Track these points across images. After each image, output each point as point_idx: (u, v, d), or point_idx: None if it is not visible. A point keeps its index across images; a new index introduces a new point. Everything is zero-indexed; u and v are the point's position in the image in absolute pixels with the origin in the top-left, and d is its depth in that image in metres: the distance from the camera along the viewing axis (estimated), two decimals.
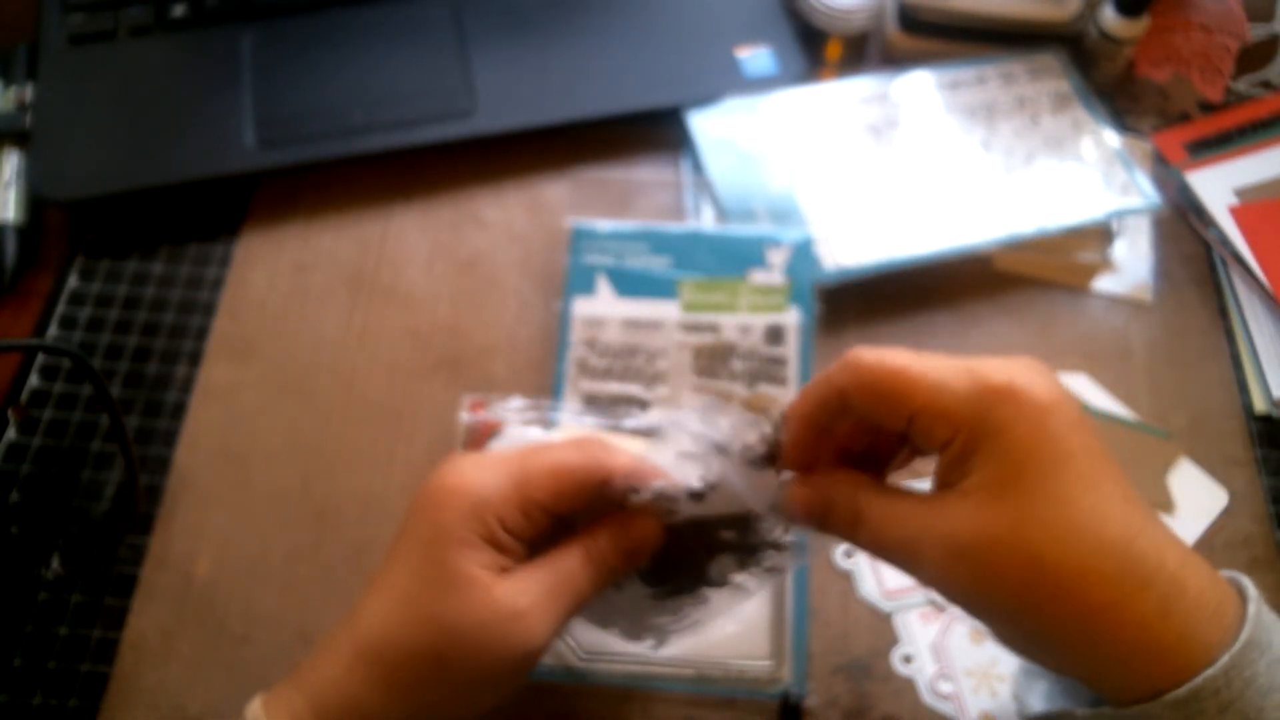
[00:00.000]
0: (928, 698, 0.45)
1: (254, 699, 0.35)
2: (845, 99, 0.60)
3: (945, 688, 0.45)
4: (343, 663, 0.34)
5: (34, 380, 0.53)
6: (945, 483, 0.31)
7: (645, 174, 0.60)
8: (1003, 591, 0.29)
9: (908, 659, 0.46)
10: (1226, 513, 0.49)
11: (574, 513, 0.36)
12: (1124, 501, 0.29)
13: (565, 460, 0.36)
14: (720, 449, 0.36)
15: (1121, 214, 0.56)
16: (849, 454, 0.36)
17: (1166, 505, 0.50)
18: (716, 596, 0.39)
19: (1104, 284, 0.56)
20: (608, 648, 0.45)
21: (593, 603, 0.38)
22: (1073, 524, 0.28)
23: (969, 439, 0.30)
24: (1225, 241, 0.56)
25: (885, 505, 0.32)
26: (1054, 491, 0.28)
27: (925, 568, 0.31)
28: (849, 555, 0.48)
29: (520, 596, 0.34)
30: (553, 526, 0.36)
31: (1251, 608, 0.28)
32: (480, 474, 0.35)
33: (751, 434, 0.36)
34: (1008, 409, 0.29)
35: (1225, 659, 0.27)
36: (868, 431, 0.35)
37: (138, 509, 0.49)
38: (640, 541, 0.36)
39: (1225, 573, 0.30)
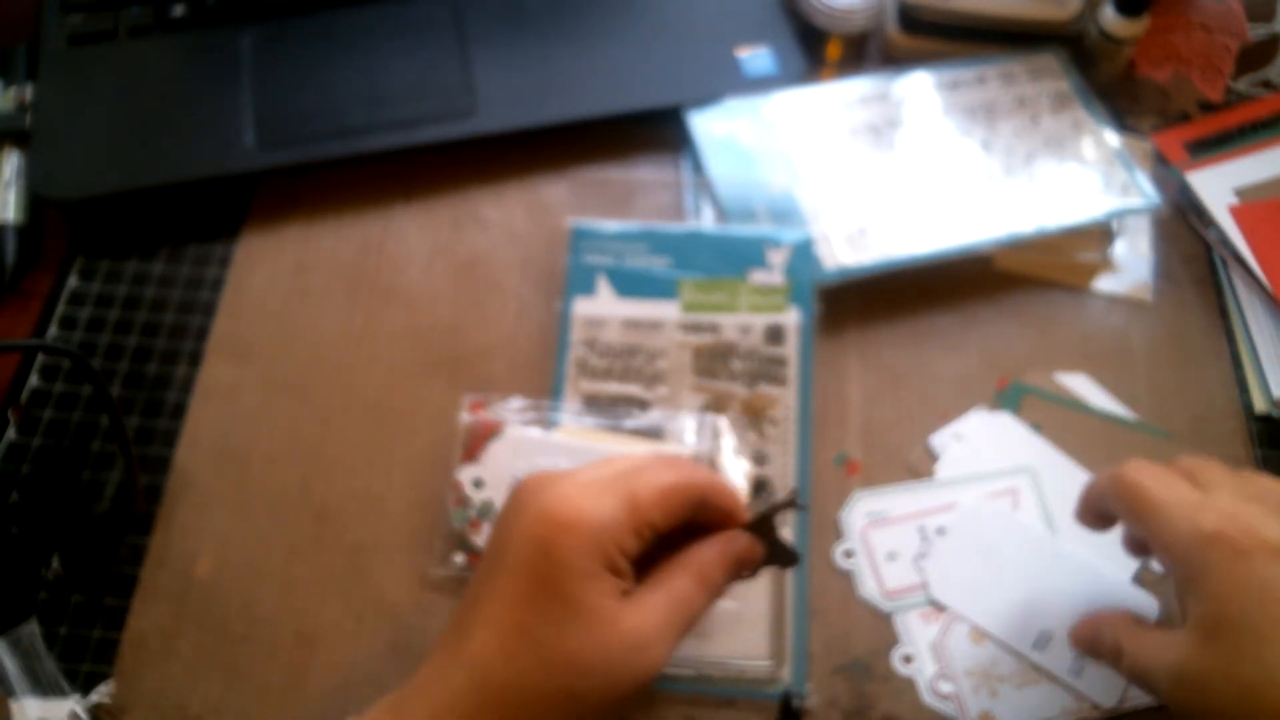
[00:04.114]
0: (928, 697, 0.45)
1: None
2: (845, 99, 0.60)
3: (945, 688, 0.45)
4: (452, 698, 0.33)
5: (34, 380, 0.53)
6: (1180, 610, 0.35)
7: (645, 174, 0.60)
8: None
9: (908, 659, 0.46)
10: None
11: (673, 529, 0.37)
12: None
13: (668, 480, 0.36)
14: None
15: (1121, 214, 0.56)
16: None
17: None
18: None
19: (1104, 284, 0.56)
20: None
21: None
22: (1267, 682, 0.31)
23: (1181, 577, 0.35)
24: (1225, 241, 0.56)
25: (1136, 639, 0.37)
26: (1263, 635, 0.32)
27: (1159, 693, 0.35)
28: (849, 555, 0.48)
29: (645, 626, 0.34)
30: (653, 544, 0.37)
31: None
32: (593, 503, 0.35)
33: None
34: (1210, 554, 0.33)
35: None
36: None
37: (138, 509, 0.49)
38: (745, 557, 0.38)
39: None
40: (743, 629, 0.46)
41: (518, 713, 0.33)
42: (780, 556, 0.40)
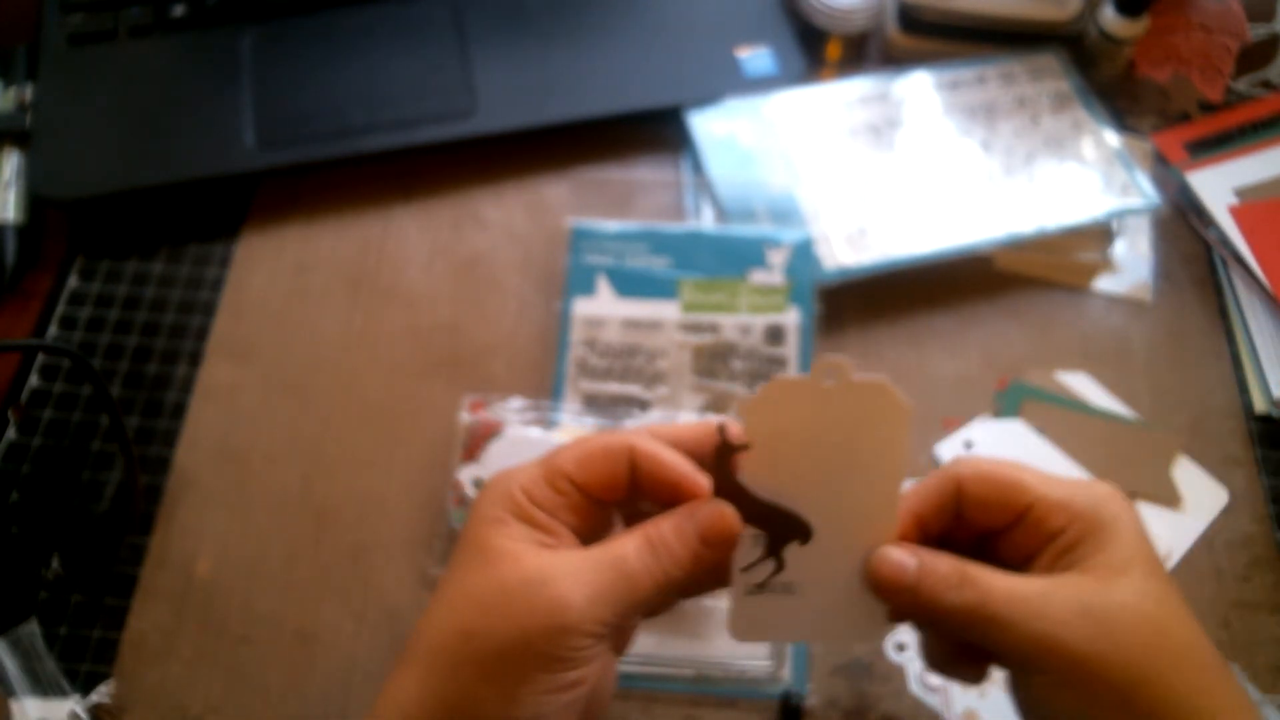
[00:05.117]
0: (915, 688, 0.45)
1: None
2: (845, 99, 0.60)
3: (934, 680, 0.45)
4: (398, 674, 0.33)
5: (34, 380, 0.53)
6: (1051, 568, 0.34)
7: (645, 174, 0.60)
8: (1128, 651, 0.32)
9: (901, 647, 0.46)
10: (1226, 512, 0.49)
11: (613, 492, 0.35)
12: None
13: (592, 440, 0.35)
14: None
15: (1121, 214, 0.56)
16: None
17: (1173, 500, 0.50)
18: None
19: (1104, 284, 0.56)
20: None
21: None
22: (1180, 609, 0.33)
23: (1083, 528, 0.33)
24: (1225, 241, 0.56)
25: (992, 572, 0.33)
26: (1162, 580, 0.33)
27: (1045, 624, 0.32)
28: None
29: (554, 567, 0.32)
30: (600, 516, 0.36)
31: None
32: (512, 466, 0.35)
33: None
34: (1118, 507, 0.34)
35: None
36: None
37: (138, 509, 0.49)
38: (713, 522, 0.34)
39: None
40: None
41: (429, 661, 0.33)
42: (786, 527, 0.35)
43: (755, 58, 0.61)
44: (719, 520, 0.34)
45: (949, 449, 0.51)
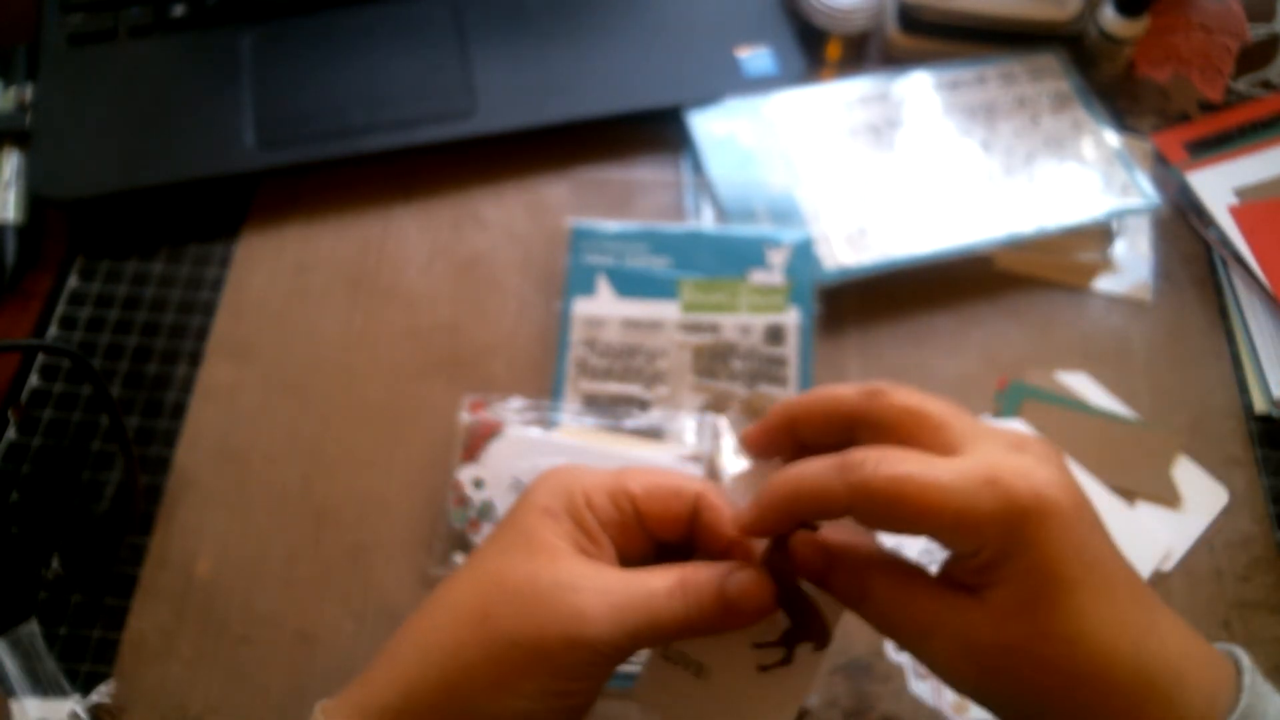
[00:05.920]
0: (912, 681, 0.45)
1: (316, 706, 0.34)
2: (845, 99, 0.60)
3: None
4: (407, 633, 0.33)
5: (34, 380, 0.53)
6: (960, 581, 0.31)
7: (645, 174, 0.60)
8: (1015, 694, 0.30)
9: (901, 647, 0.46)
10: (1226, 512, 0.49)
11: (669, 531, 0.35)
12: (1134, 603, 0.30)
13: (664, 471, 0.35)
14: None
15: (1121, 214, 0.56)
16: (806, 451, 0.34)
17: (1173, 500, 0.50)
18: None
19: (1104, 284, 0.56)
20: None
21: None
22: (1091, 637, 0.29)
23: (994, 553, 0.29)
24: (1225, 241, 0.56)
25: (896, 587, 0.32)
26: (1075, 606, 0.29)
27: (933, 657, 0.31)
28: None
29: (587, 578, 0.32)
30: (643, 548, 0.35)
31: (1246, 679, 0.29)
32: (578, 465, 0.35)
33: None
34: (1035, 527, 0.29)
35: None
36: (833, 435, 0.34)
37: (138, 509, 0.49)
38: (746, 590, 0.33)
39: (1221, 646, 0.31)
40: None
41: (437, 634, 0.32)
42: (808, 624, 0.34)
43: (755, 58, 0.61)
44: (756, 591, 0.33)
45: None
